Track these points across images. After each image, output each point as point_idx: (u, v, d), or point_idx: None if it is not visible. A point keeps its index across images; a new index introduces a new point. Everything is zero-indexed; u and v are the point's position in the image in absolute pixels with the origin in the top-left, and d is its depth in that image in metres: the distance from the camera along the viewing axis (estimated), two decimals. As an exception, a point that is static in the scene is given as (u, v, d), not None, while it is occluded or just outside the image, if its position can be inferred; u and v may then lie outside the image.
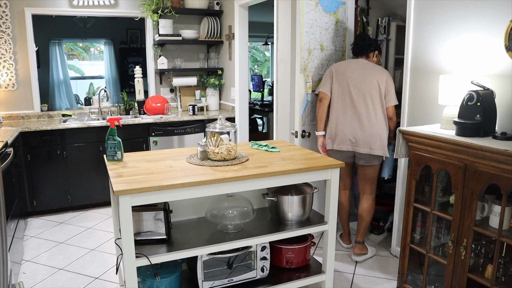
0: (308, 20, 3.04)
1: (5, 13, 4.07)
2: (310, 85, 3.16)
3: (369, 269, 2.94)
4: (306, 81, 3.13)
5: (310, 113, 3.22)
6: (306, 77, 3.13)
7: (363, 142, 2.87)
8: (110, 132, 2.36)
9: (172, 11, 4.56)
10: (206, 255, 2.19)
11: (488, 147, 1.86)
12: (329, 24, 3.22)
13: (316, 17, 3.10)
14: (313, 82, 3.18)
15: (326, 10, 3.16)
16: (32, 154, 3.85)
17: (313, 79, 3.18)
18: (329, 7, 3.18)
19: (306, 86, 3.14)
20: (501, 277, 1.96)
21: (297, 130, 3.12)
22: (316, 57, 3.17)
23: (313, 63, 3.15)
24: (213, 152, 2.33)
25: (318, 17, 3.11)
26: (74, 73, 8.42)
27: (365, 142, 2.87)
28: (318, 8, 3.10)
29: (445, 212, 2.20)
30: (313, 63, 3.16)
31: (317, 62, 3.19)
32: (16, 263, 2.85)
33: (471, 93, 2.06)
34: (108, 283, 2.80)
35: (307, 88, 3.15)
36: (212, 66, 4.99)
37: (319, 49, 3.18)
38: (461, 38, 2.42)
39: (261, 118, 7.72)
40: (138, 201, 1.92)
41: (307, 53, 3.08)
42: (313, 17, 3.08)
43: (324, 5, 3.14)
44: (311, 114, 3.23)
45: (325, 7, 3.15)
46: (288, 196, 2.38)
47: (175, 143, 4.41)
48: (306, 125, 3.20)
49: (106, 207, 4.24)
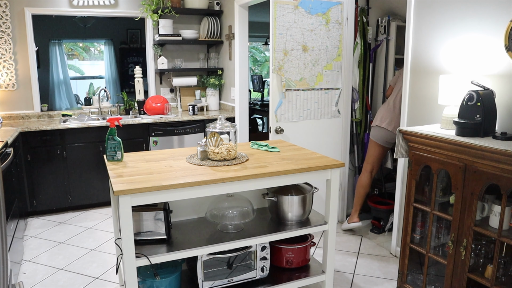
0: (283, 22, 3.18)
1: (5, 13, 4.07)
2: (284, 84, 3.27)
3: (369, 269, 2.94)
4: (281, 80, 3.25)
5: (286, 110, 3.36)
6: (281, 76, 3.24)
7: None
8: (110, 132, 2.36)
9: (172, 11, 4.56)
10: (206, 255, 2.19)
11: (488, 147, 1.86)
12: (316, 25, 3.31)
13: (295, 19, 3.22)
14: (292, 81, 3.31)
15: (310, 12, 3.28)
16: (32, 154, 3.85)
17: (292, 78, 3.31)
18: (315, 8, 3.29)
19: (281, 84, 3.26)
20: (501, 277, 1.95)
21: (271, 126, 3.33)
22: (295, 57, 3.28)
23: (291, 63, 3.27)
24: (213, 152, 2.33)
25: (299, 19, 3.24)
26: (74, 73, 8.43)
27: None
28: (299, 10, 3.22)
29: (445, 212, 2.20)
30: (291, 63, 3.27)
31: (297, 62, 3.30)
32: (16, 263, 2.85)
33: (471, 93, 2.06)
34: (108, 283, 2.80)
35: (281, 86, 3.27)
36: (212, 66, 4.99)
37: (300, 49, 3.29)
38: (461, 38, 2.42)
39: (261, 118, 7.73)
40: (138, 201, 1.92)
41: (282, 54, 3.22)
42: (291, 19, 3.21)
43: (307, 7, 3.25)
44: (288, 112, 3.37)
45: (308, 9, 3.26)
46: (288, 196, 2.38)
47: (175, 143, 4.41)
48: (282, 121, 3.34)
49: (106, 207, 4.24)
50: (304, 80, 3.36)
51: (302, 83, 3.36)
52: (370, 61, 3.68)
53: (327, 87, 3.48)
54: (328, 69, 3.45)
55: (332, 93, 3.51)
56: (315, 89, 3.43)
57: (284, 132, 3.36)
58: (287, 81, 3.28)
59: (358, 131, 3.76)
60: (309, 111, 3.44)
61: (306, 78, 3.36)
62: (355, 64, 3.61)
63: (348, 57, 3.52)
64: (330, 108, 3.53)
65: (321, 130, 3.53)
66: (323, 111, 3.50)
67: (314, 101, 3.44)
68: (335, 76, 3.50)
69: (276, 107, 3.31)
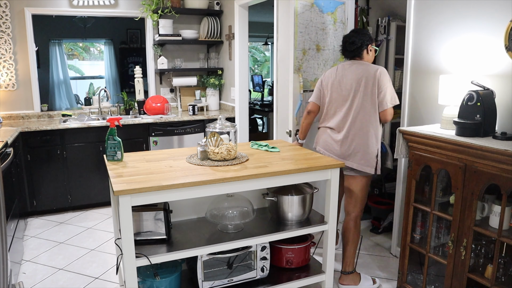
0: (302, 20, 3.07)
1: (5, 13, 4.07)
2: (301, 85, 3.20)
3: (369, 269, 2.94)
4: (299, 81, 3.17)
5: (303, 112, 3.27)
6: (299, 77, 3.16)
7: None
8: (110, 132, 2.36)
9: (172, 11, 4.56)
10: (206, 255, 2.19)
11: (488, 147, 1.86)
12: (326, 24, 3.24)
13: (311, 18, 3.12)
14: (308, 82, 3.23)
15: (323, 10, 3.18)
16: (32, 154, 3.85)
17: (309, 78, 3.22)
18: (326, 7, 3.20)
19: (299, 85, 3.18)
20: (501, 277, 1.95)
21: (291, 129, 3.17)
22: (311, 57, 3.19)
23: (308, 63, 3.19)
24: (213, 152, 2.33)
25: (314, 17, 3.14)
26: (74, 73, 8.42)
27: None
28: (314, 8, 3.13)
29: (445, 212, 2.20)
30: (308, 63, 3.20)
31: (312, 62, 3.22)
32: (16, 263, 2.85)
33: (471, 93, 2.06)
34: (108, 283, 2.80)
35: (299, 87, 3.19)
36: (212, 66, 4.99)
37: (314, 49, 3.20)
38: (461, 38, 2.42)
39: (261, 118, 7.72)
40: (138, 201, 1.92)
41: (301, 53, 3.12)
42: (308, 17, 3.10)
43: (320, 6, 3.16)
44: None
45: (321, 7, 3.17)
46: (288, 196, 2.38)
47: (175, 143, 4.41)
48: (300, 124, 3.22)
49: (106, 207, 4.24)
50: (317, 81, 3.29)
51: (316, 83, 3.28)
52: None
53: None
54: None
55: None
56: None
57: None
58: (304, 81, 3.20)
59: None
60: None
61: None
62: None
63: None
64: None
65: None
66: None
67: None
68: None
69: (296, 109, 3.17)
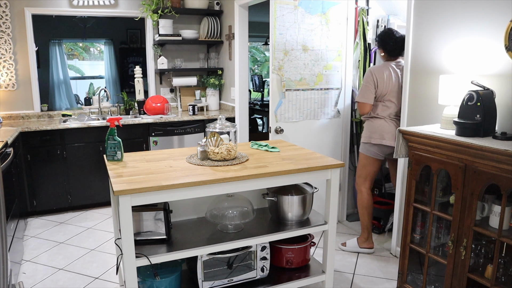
0: (283, 22, 3.19)
1: (5, 13, 4.07)
2: (283, 84, 3.28)
3: (369, 269, 2.94)
4: (281, 80, 3.27)
5: (286, 110, 3.36)
6: (280, 76, 3.25)
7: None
8: (110, 132, 2.36)
9: (172, 11, 4.56)
10: (206, 255, 2.19)
11: (488, 147, 1.86)
12: (316, 25, 3.33)
13: (295, 19, 3.23)
14: (292, 81, 3.32)
15: (310, 12, 3.29)
16: (32, 154, 3.85)
17: (292, 78, 3.32)
18: (314, 8, 3.30)
19: (281, 84, 3.27)
20: (501, 277, 1.95)
21: (271, 126, 3.32)
22: (295, 58, 3.29)
23: (290, 63, 3.28)
24: (213, 152, 2.33)
25: (299, 18, 3.25)
26: (74, 73, 8.43)
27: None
28: (299, 10, 3.23)
29: (445, 212, 2.20)
30: (291, 63, 3.29)
31: (297, 62, 3.31)
32: (16, 263, 2.85)
33: (471, 93, 2.06)
34: (108, 283, 2.80)
35: (281, 86, 3.28)
36: (212, 66, 4.99)
37: (300, 49, 3.30)
38: (461, 38, 2.42)
39: (261, 118, 7.73)
40: (138, 201, 1.92)
41: (282, 53, 3.23)
42: (291, 19, 3.22)
43: (307, 7, 3.26)
44: (288, 112, 3.37)
45: (308, 9, 3.28)
46: (288, 196, 2.38)
47: (175, 143, 4.41)
48: (281, 121, 3.34)
49: (106, 207, 4.24)
50: (304, 80, 3.36)
51: (302, 83, 3.36)
52: (370, 61, 3.68)
53: (327, 87, 3.49)
54: (328, 69, 3.46)
55: (332, 93, 3.52)
56: (315, 89, 3.44)
57: (284, 132, 3.36)
58: (287, 81, 3.29)
59: (358, 131, 3.75)
60: (309, 111, 3.44)
61: (306, 78, 3.37)
62: (355, 64, 3.61)
63: (348, 57, 3.53)
64: (330, 108, 3.54)
65: (321, 130, 3.53)
66: (323, 111, 3.51)
67: (314, 101, 3.45)
68: (335, 76, 3.50)
69: (276, 107, 3.31)
